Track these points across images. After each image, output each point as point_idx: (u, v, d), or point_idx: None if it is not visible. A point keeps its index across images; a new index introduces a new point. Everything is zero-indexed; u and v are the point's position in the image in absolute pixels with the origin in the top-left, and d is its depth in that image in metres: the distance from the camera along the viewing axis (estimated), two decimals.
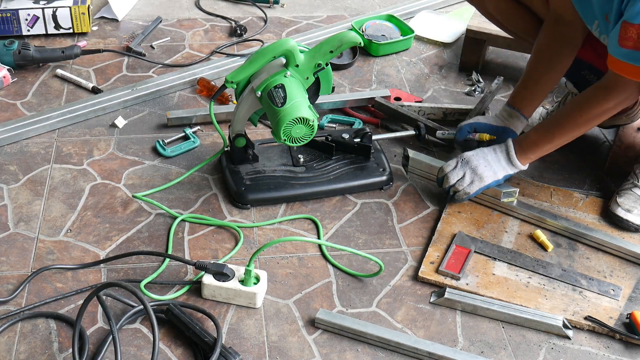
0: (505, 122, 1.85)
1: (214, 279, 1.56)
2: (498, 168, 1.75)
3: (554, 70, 1.81)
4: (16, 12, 2.42)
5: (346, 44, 1.71)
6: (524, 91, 1.85)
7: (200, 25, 2.63)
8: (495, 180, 1.75)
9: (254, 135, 2.05)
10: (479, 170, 1.74)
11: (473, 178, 1.74)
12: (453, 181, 1.76)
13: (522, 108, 1.85)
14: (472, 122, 1.88)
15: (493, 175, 1.75)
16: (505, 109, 1.86)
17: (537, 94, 1.84)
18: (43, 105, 2.17)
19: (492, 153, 1.76)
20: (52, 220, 1.77)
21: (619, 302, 1.60)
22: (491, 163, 1.75)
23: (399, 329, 1.55)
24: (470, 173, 1.75)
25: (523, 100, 1.85)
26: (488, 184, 1.75)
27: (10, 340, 1.48)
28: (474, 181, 1.74)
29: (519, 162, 1.74)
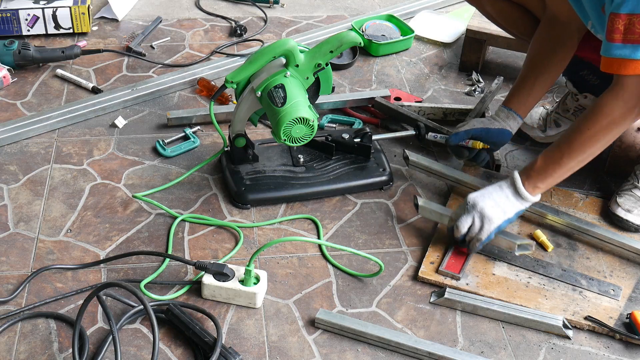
0: (502, 123, 1.83)
1: (214, 279, 1.56)
2: (507, 206, 1.62)
3: (548, 71, 1.79)
4: (16, 12, 2.42)
5: (346, 44, 1.71)
6: (519, 92, 1.82)
7: (200, 25, 2.63)
8: (507, 219, 1.62)
9: (254, 135, 2.05)
10: (486, 211, 1.60)
11: (482, 222, 1.61)
12: (464, 230, 1.63)
13: (518, 109, 1.82)
14: (469, 128, 1.83)
15: (503, 214, 1.61)
16: (501, 109, 1.85)
17: (532, 95, 1.82)
18: (43, 105, 2.17)
19: (499, 190, 1.63)
20: (52, 220, 1.77)
21: (619, 302, 1.60)
22: (499, 202, 1.62)
23: (399, 329, 1.55)
24: (478, 217, 1.61)
25: (518, 101, 1.82)
26: (499, 225, 1.61)
27: (10, 340, 1.48)
28: (483, 225, 1.61)
29: (528, 193, 1.61)
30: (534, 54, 1.80)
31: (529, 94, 1.82)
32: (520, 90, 1.83)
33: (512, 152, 2.06)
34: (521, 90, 1.82)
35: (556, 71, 1.81)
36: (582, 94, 1.98)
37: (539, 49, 1.79)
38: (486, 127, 1.82)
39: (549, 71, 1.79)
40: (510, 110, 1.83)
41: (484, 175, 1.93)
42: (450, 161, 2.00)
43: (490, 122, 1.84)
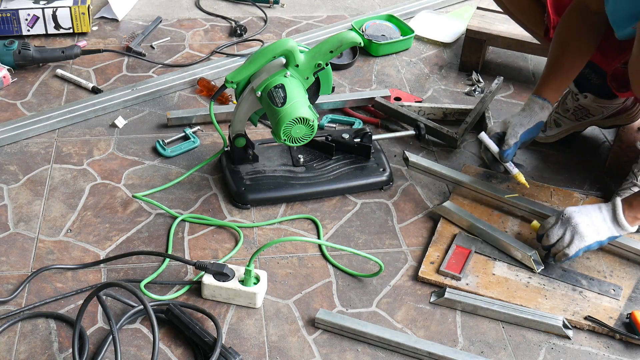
0: (537, 115, 1.77)
1: (214, 279, 1.56)
2: (602, 228, 1.60)
3: (581, 59, 1.77)
4: (16, 12, 2.42)
5: (346, 44, 1.71)
6: (552, 81, 1.78)
7: (200, 25, 2.63)
8: (598, 241, 1.60)
9: (254, 135, 2.05)
10: (579, 228, 1.59)
11: (573, 237, 1.59)
12: (553, 240, 1.62)
13: (551, 97, 1.78)
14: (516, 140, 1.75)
15: (596, 235, 1.60)
16: (535, 100, 1.77)
17: (565, 83, 1.80)
18: (43, 105, 2.17)
19: (597, 211, 1.62)
20: (52, 220, 1.77)
21: (619, 302, 1.60)
22: (595, 222, 1.60)
23: (399, 329, 1.55)
24: (570, 232, 1.59)
25: (551, 89, 1.78)
26: (589, 245, 1.60)
27: (10, 340, 1.48)
28: (573, 241, 1.59)
29: (626, 222, 1.60)
30: (566, 43, 1.76)
31: (562, 81, 1.79)
32: (553, 78, 1.79)
33: None
34: (554, 78, 1.78)
35: (587, 58, 1.78)
36: (582, 93, 1.98)
37: (571, 37, 1.75)
38: (527, 129, 1.76)
39: (582, 59, 1.77)
40: (545, 100, 1.77)
41: (483, 175, 1.93)
42: (449, 161, 2.00)
43: (527, 118, 1.77)
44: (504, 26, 2.32)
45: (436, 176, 1.89)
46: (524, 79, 2.39)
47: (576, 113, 2.02)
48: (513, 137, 1.75)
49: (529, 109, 1.78)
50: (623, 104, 1.99)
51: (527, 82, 2.37)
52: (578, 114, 2.03)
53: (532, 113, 1.77)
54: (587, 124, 2.06)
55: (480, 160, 2.01)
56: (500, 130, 1.79)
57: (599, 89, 1.96)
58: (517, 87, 2.34)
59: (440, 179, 1.89)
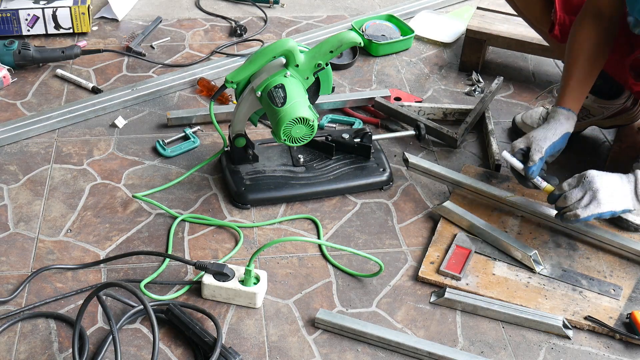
0: (563, 126, 1.73)
1: (214, 279, 1.56)
2: (620, 198, 1.59)
3: (599, 65, 1.76)
4: (16, 12, 2.42)
5: (346, 44, 1.71)
6: (573, 90, 1.75)
7: (200, 25, 2.63)
8: (612, 211, 1.59)
9: (254, 135, 2.05)
10: (599, 194, 1.58)
11: (591, 201, 1.58)
12: (571, 202, 1.60)
13: (574, 107, 1.75)
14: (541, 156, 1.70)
15: (612, 204, 1.59)
16: (560, 112, 1.73)
17: (585, 91, 1.77)
18: (43, 105, 2.17)
19: (619, 180, 1.61)
20: (52, 220, 1.77)
21: (619, 302, 1.60)
22: (616, 191, 1.59)
23: (399, 329, 1.55)
24: (589, 195, 1.58)
25: (574, 100, 1.75)
26: (603, 212, 1.59)
27: (10, 340, 1.48)
28: (590, 204, 1.58)
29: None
30: (583, 51, 1.74)
31: (583, 89, 1.76)
32: (573, 87, 1.76)
33: None
34: (575, 87, 1.76)
35: (603, 63, 1.77)
36: None
37: (587, 42, 1.73)
38: (552, 143, 1.72)
39: (599, 64, 1.76)
40: (570, 110, 1.74)
41: (483, 175, 1.93)
42: (449, 161, 2.00)
43: (552, 130, 1.73)
44: (504, 26, 2.32)
45: (436, 177, 1.89)
46: (524, 79, 2.39)
47: None
48: (538, 153, 1.70)
49: (554, 121, 1.73)
50: (623, 104, 1.99)
51: (527, 82, 2.37)
52: (578, 114, 2.02)
53: (558, 125, 1.72)
54: (587, 124, 2.06)
55: (481, 161, 2.01)
56: (524, 146, 1.73)
57: (600, 90, 1.97)
58: (517, 87, 2.34)
59: (440, 180, 1.89)
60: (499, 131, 2.13)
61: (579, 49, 1.75)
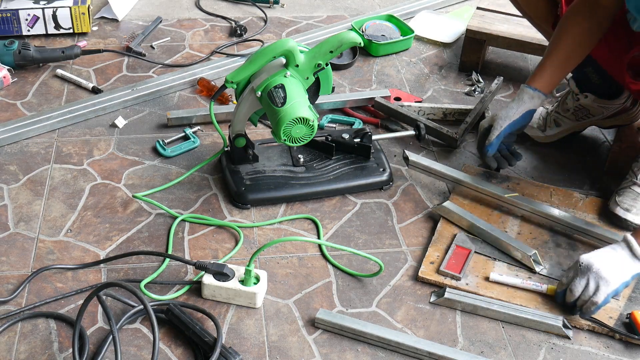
0: (525, 104, 1.78)
1: (214, 279, 1.56)
2: (623, 267, 1.54)
3: (580, 51, 1.76)
4: (16, 12, 2.42)
5: (346, 44, 1.71)
6: (545, 71, 1.78)
7: (200, 25, 2.63)
8: (624, 282, 1.53)
9: (254, 135, 2.05)
10: (602, 273, 1.51)
11: (598, 283, 1.51)
12: (578, 293, 1.53)
13: (543, 87, 1.78)
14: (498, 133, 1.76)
15: (620, 276, 1.53)
16: (525, 90, 1.79)
17: (559, 73, 1.79)
18: (43, 105, 2.17)
19: (612, 252, 1.56)
20: (52, 220, 1.77)
21: (619, 302, 1.60)
22: (615, 264, 1.53)
23: (399, 329, 1.55)
24: (594, 279, 1.52)
25: (544, 81, 1.78)
26: (616, 288, 1.52)
27: (10, 340, 1.48)
28: (599, 287, 1.51)
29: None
30: (567, 31, 1.75)
31: (556, 71, 1.78)
32: (547, 67, 1.78)
33: None
34: (548, 68, 1.78)
35: (586, 51, 1.77)
36: (582, 93, 1.98)
37: (574, 26, 1.74)
38: (512, 121, 1.77)
39: (580, 50, 1.76)
40: (536, 90, 1.78)
41: (483, 175, 1.93)
42: (449, 161, 2.00)
43: (514, 109, 1.79)
44: (504, 26, 2.32)
45: (436, 175, 1.89)
46: (524, 79, 2.35)
47: (576, 113, 2.02)
48: (495, 131, 1.78)
49: (517, 99, 1.80)
50: (623, 104, 1.99)
51: None
52: (578, 114, 2.03)
53: (520, 103, 1.78)
54: (587, 124, 2.06)
55: (480, 160, 2.01)
56: (488, 125, 1.82)
57: (600, 89, 1.97)
58: (517, 87, 2.33)
59: (441, 178, 1.89)
60: None
61: (565, 33, 1.76)
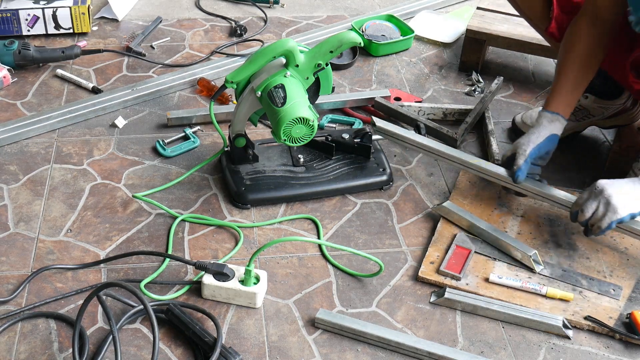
0: (546, 129, 1.74)
1: (214, 279, 1.56)
2: (634, 199, 1.58)
3: (591, 69, 1.75)
4: (16, 12, 2.42)
5: (346, 44, 1.71)
6: (561, 94, 1.76)
7: (200, 25, 2.63)
8: (631, 213, 1.58)
9: (254, 135, 2.05)
10: (612, 200, 1.57)
11: (607, 209, 1.58)
12: (589, 214, 1.60)
13: (562, 110, 1.75)
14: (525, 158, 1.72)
15: (629, 207, 1.58)
16: (544, 115, 1.76)
17: (575, 95, 1.77)
18: (43, 105, 2.17)
19: (630, 184, 1.60)
20: (52, 220, 1.77)
21: (619, 302, 1.60)
22: (628, 193, 1.58)
23: (399, 329, 1.55)
24: (603, 204, 1.58)
25: (561, 103, 1.76)
26: (622, 217, 1.58)
27: (10, 340, 1.48)
28: (607, 213, 1.58)
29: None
30: (578, 56, 1.73)
31: (572, 93, 1.76)
32: (561, 90, 1.76)
33: None
34: (563, 91, 1.76)
35: (596, 68, 1.77)
36: (583, 94, 1.98)
37: (583, 51, 1.73)
38: (536, 145, 1.73)
39: (591, 68, 1.75)
40: (554, 113, 1.75)
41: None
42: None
43: (535, 134, 1.75)
44: (504, 26, 2.32)
45: (401, 141, 1.90)
46: (524, 79, 2.39)
47: (576, 113, 2.02)
48: (522, 156, 1.72)
49: (537, 125, 1.76)
50: (623, 104, 1.99)
51: (527, 82, 2.37)
52: (578, 115, 2.03)
53: (541, 128, 1.74)
54: (587, 124, 2.06)
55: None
56: (511, 154, 1.77)
57: (600, 90, 1.97)
58: (517, 87, 2.34)
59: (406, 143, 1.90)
60: (499, 131, 2.13)
61: (572, 52, 1.75)
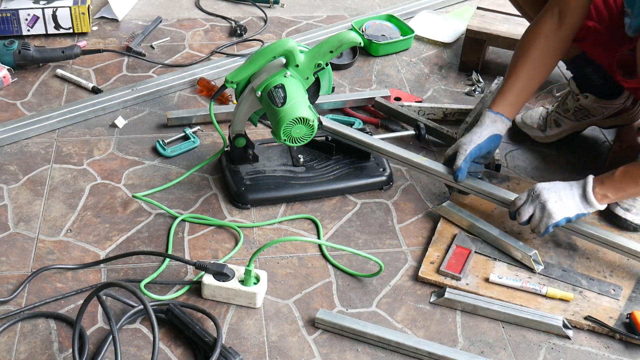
0: (489, 129, 1.73)
1: (214, 279, 1.56)
2: (570, 205, 1.61)
3: (541, 73, 1.75)
4: (16, 12, 2.42)
5: (346, 44, 1.71)
6: (507, 95, 1.74)
7: (200, 25, 2.63)
8: (566, 217, 1.61)
9: (254, 135, 2.05)
10: (548, 205, 1.61)
11: (542, 214, 1.62)
12: (524, 218, 1.64)
13: (506, 111, 1.74)
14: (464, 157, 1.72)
15: (564, 211, 1.61)
16: (487, 115, 1.74)
17: (522, 96, 1.75)
18: (43, 105, 2.17)
19: (567, 188, 1.63)
20: (52, 220, 1.77)
21: (619, 302, 1.60)
22: (563, 198, 1.61)
23: (399, 329, 1.55)
24: (539, 209, 1.62)
25: (506, 104, 1.74)
26: (557, 221, 1.61)
27: (10, 340, 1.48)
28: (542, 219, 1.62)
29: (595, 200, 1.60)
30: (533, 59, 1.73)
31: (519, 95, 1.75)
32: (508, 91, 1.75)
33: (512, 152, 2.06)
34: (509, 91, 1.74)
35: (547, 73, 1.77)
36: (582, 93, 1.99)
37: (535, 48, 1.72)
38: (477, 145, 1.72)
39: (542, 72, 1.75)
40: (498, 113, 1.74)
41: (484, 176, 1.92)
42: None
43: (477, 135, 1.73)
44: (504, 26, 2.32)
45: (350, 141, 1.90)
46: None
47: (576, 113, 2.03)
48: (462, 156, 1.72)
49: (478, 125, 1.75)
50: (623, 104, 1.99)
51: None
52: (578, 114, 2.03)
53: (482, 128, 1.73)
54: (587, 124, 2.06)
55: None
56: (452, 152, 1.77)
57: (600, 89, 1.97)
58: None
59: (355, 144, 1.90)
60: None
61: (526, 56, 1.73)
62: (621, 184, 1.61)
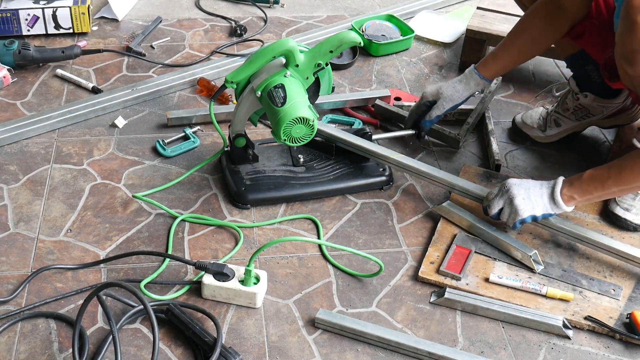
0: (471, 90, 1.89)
1: (214, 279, 1.56)
2: (538, 203, 1.64)
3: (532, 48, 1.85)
4: (16, 12, 2.42)
5: (346, 44, 1.71)
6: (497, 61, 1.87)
7: (200, 25, 2.63)
8: (532, 215, 1.64)
9: (254, 135, 2.05)
10: (515, 202, 1.64)
11: (510, 210, 1.66)
12: (494, 211, 1.69)
13: (491, 77, 1.89)
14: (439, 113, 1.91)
15: (531, 209, 1.64)
16: (474, 77, 1.88)
17: (508, 66, 1.89)
18: (43, 105, 2.17)
19: (537, 187, 1.66)
20: (52, 220, 1.77)
21: (619, 302, 1.60)
22: (531, 196, 1.64)
23: (399, 329, 1.55)
24: (508, 205, 1.66)
25: (492, 70, 1.88)
26: (524, 217, 1.64)
27: (10, 340, 1.48)
28: (510, 213, 1.66)
29: (561, 201, 1.62)
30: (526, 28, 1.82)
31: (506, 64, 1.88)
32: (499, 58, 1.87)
33: (512, 152, 2.06)
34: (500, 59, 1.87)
35: (537, 50, 1.87)
36: (582, 92, 1.98)
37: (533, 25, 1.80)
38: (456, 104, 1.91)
39: (533, 47, 1.85)
40: (484, 78, 1.88)
41: (483, 175, 1.93)
42: (450, 162, 2.00)
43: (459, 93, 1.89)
44: (504, 26, 2.32)
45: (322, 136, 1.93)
46: (523, 79, 2.39)
47: (576, 113, 2.02)
48: (439, 110, 1.91)
49: (465, 83, 1.90)
50: (623, 103, 1.99)
51: (527, 82, 2.37)
52: (578, 114, 2.03)
53: (467, 87, 1.90)
54: (587, 123, 2.06)
55: (481, 161, 2.01)
56: (432, 99, 1.92)
57: (600, 88, 1.96)
58: (517, 87, 2.34)
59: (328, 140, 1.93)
60: (499, 131, 2.13)
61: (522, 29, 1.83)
62: (588, 187, 1.62)
